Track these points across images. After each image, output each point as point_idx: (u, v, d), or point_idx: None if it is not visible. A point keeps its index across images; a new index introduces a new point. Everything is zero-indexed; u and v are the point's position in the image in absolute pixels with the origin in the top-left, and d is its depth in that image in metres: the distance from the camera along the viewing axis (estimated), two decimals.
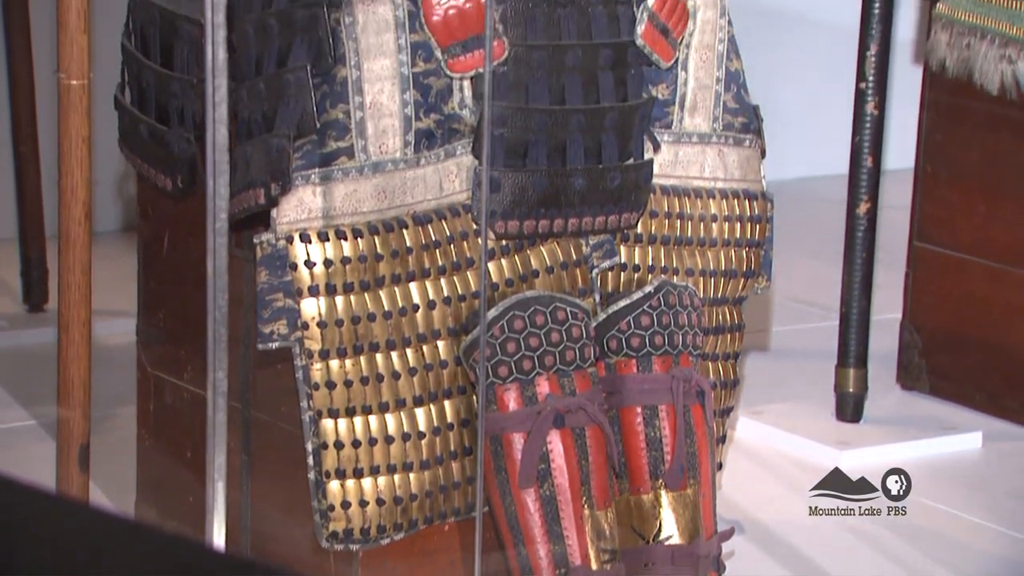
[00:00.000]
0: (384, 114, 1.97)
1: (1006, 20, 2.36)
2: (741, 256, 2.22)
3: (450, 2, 1.98)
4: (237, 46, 1.99)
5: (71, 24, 1.81)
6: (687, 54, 2.14)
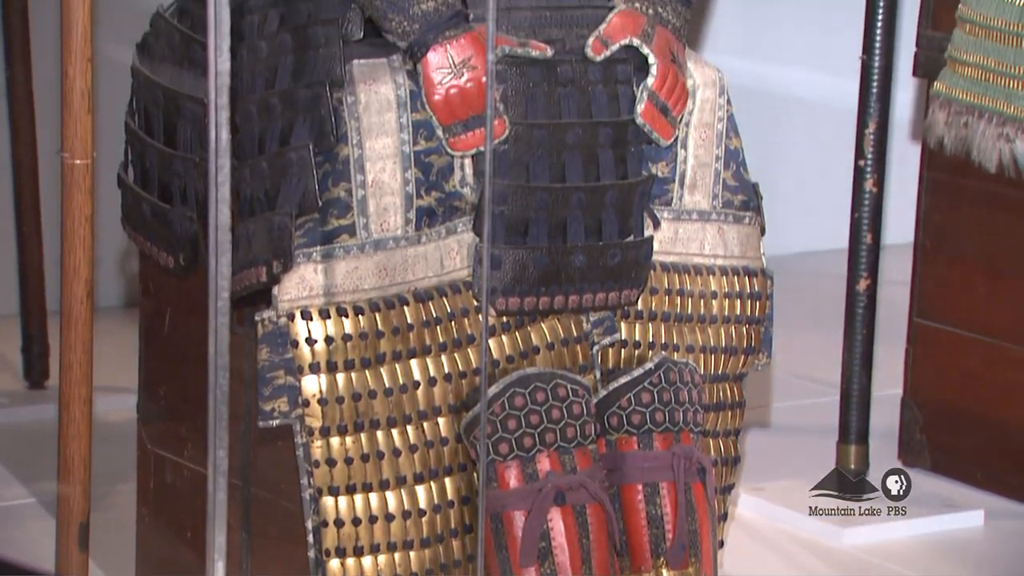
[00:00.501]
0: (386, 192, 1.98)
1: (1003, 99, 2.38)
2: (741, 333, 2.22)
3: (451, 81, 2.00)
4: (240, 125, 2.01)
5: (75, 104, 1.83)
6: (687, 132, 2.16)
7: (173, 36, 2.14)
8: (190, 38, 2.12)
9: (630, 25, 2.10)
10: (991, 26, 2.33)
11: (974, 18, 2.36)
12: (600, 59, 2.08)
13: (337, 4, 2.05)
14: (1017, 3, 2.31)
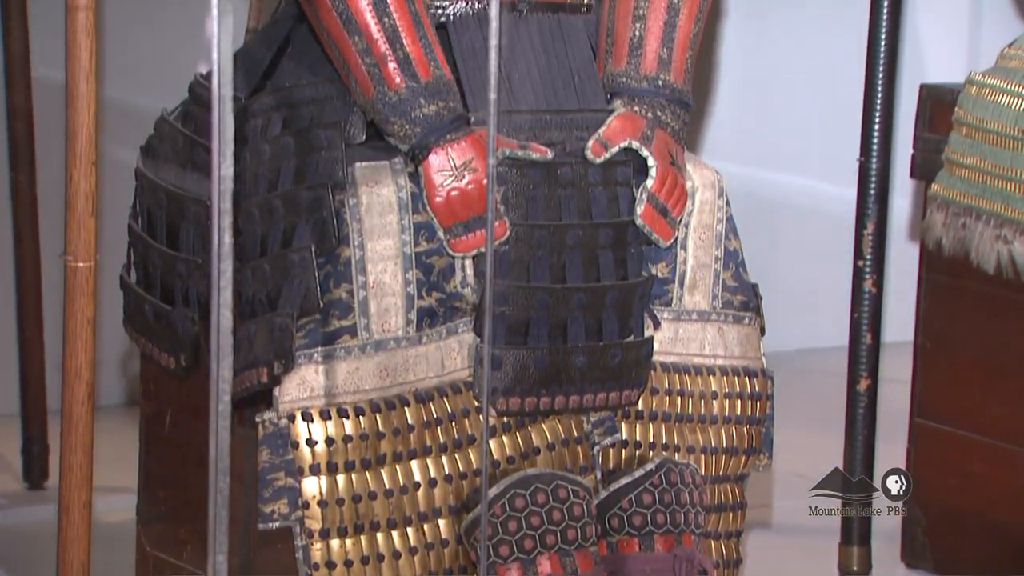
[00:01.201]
0: (387, 293, 1.99)
1: (1001, 201, 2.39)
2: (742, 434, 2.22)
3: (452, 183, 2.01)
4: (242, 227, 2.02)
5: (79, 207, 1.84)
6: (686, 233, 2.17)
7: (177, 139, 2.16)
8: (194, 141, 2.13)
9: (629, 128, 2.12)
10: (988, 129, 2.35)
11: (971, 121, 2.37)
12: (600, 161, 2.09)
13: (340, 108, 2.07)
14: (1013, 107, 2.33)
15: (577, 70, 2.15)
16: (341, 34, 2.00)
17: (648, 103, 2.14)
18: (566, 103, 2.13)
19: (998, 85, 2.33)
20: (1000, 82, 2.33)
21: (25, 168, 2.98)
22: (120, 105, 3.15)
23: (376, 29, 1.99)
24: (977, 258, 2.46)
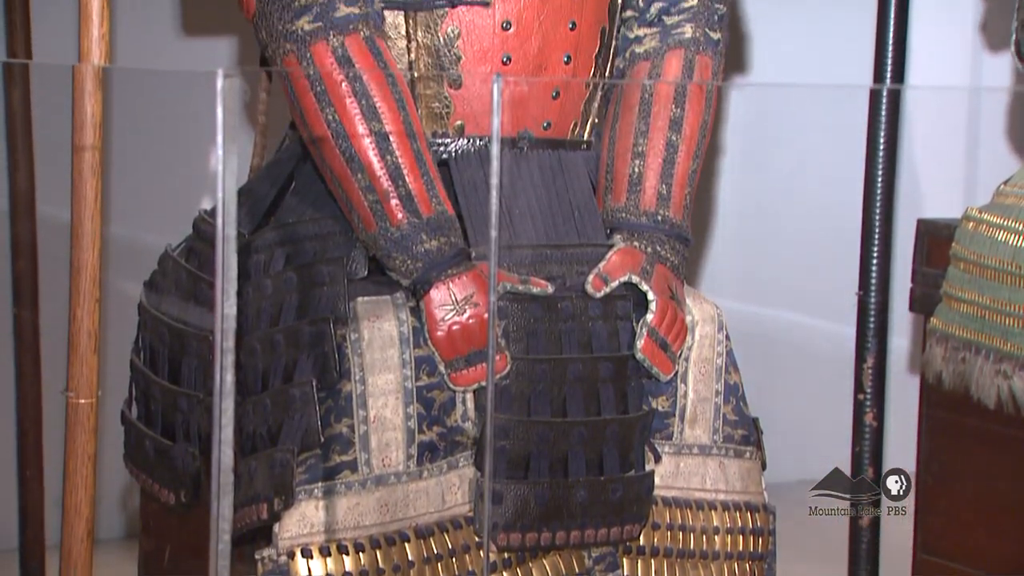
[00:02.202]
0: (387, 428, 1.99)
1: (1000, 336, 2.39)
2: (744, 570, 2.21)
3: (453, 318, 2.02)
4: (244, 362, 2.02)
5: (82, 345, 1.85)
6: (686, 367, 2.17)
7: (180, 275, 2.17)
8: (197, 277, 2.15)
9: (629, 262, 2.13)
10: (985, 264, 2.36)
11: (968, 256, 2.38)
12: (600, 295, 2.10)
13: (342, 243, 2.08)
14: (1010, 242, 2.34)
15: (577, 205, 2.17)
16: (344, 171, 2.03)
17: (647, 238, 2.16)
18: (566, 238, 2.14)
19: (995, 221, 2.35)
20: (997, 218, 2.34)
21: (28, 304, 2.99)
22: (124, 240, 3.17)
23: (379, 166, 2.02)
24: (977, 392, 2.46)
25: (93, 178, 1.85)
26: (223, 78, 1.26)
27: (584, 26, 2.17)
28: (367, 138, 2.01)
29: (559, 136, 2.20)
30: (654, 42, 2.25)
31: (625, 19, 2.26)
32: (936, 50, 3.17)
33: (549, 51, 2.14)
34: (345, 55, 2.01)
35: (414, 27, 2.10)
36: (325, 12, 2.02)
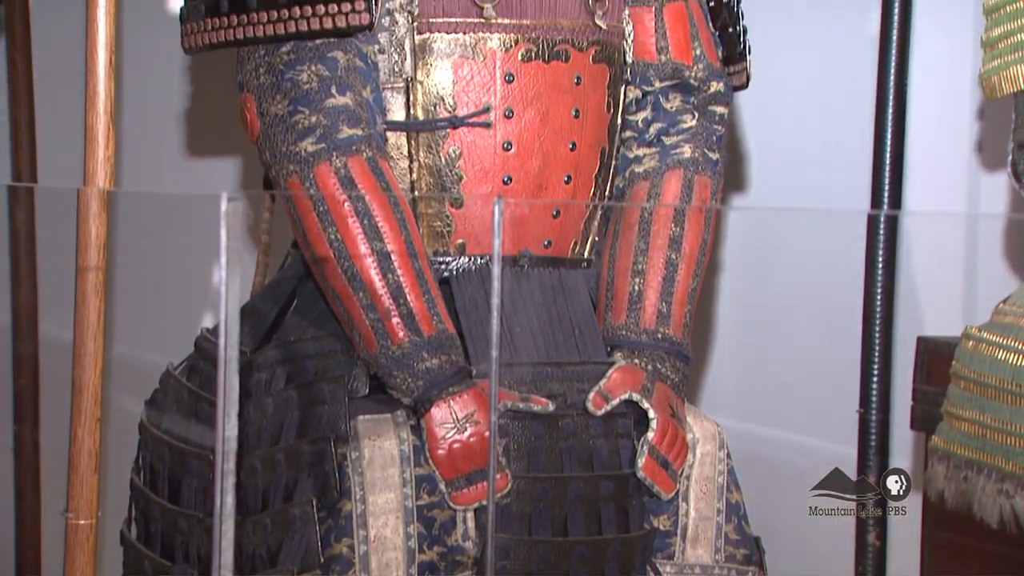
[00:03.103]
0: (388, 547, 1.98)
1: (1001, 455, 2.38)
2: None
3: (454, 436, 2.02)
4: (244, 481, 2.02)
5: (82, 465, 1.84)
6: (687, 486, 2.16)
7: (182, 393, 2.17)
8: (198, 396, 2.15)
9: (630, 380, 2.13)
10: (986, 383, 2.36)
11: (968, 375, 2.38)
12: (601, 413, 2.10)
13: (344, 362, 2.09)
14: (1010, 361, 2.34)
15: (578, 323, 2.18)
16: (346, 290, 2.03)
17: (648, 356, 2.16)
18: (567, 355, 2.15)
19: (994, 340, 2.35)
20: (996, 337, 2.35)
21: (29, 422, 2.99)
22: (126, 358, 3.18)
23: (380, 285, 2.03)
24: (980, 512, 2.44)
25: (96, 298, 1.86)
26: (227, 201, 1.27)
27: (584, 146, 2.19)
28: (369, 258, 2.02)
29: (559, 254, 2.21)
30: (653, 162, 2.27)
31: (624, 139, 2.28)
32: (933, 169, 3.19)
33: (549, 171, 2.16)
34: (348, 176, 2.03)
35: (416, 148, 2.13)
36: (328, 134, 2.05)
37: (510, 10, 2.12)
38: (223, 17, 2.10)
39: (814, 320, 3.91)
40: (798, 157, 3.25)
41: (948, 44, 3.13)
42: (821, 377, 3.87)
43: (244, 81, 2.11)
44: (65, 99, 2.78)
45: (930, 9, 3.10)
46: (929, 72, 3.12)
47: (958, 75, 3.13)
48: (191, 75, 3.35)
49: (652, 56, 2.27)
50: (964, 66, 3.11)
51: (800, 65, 3.24)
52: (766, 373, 3.89)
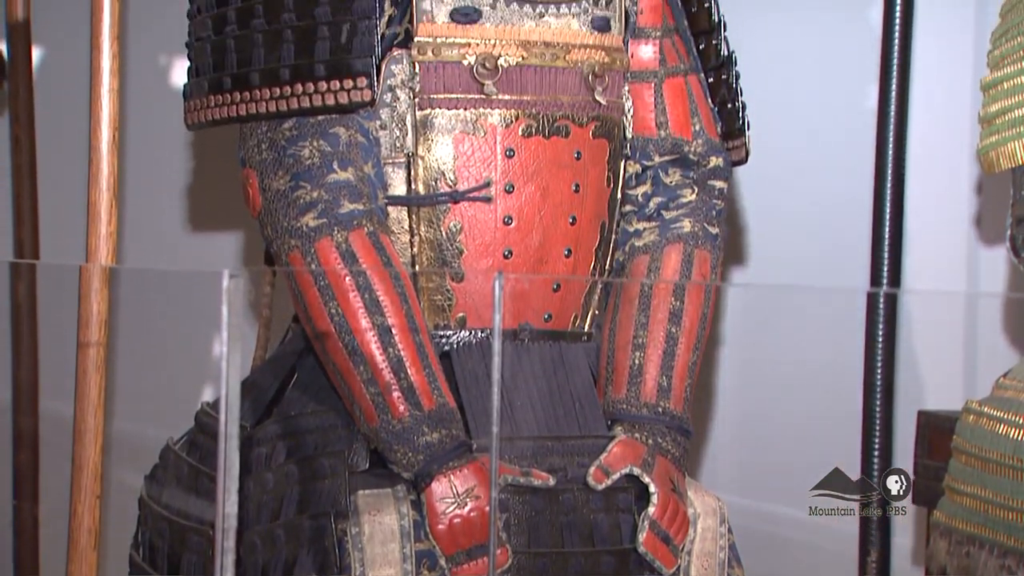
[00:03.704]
0: None
1: (1004, 531, 2.38)
2: None
3: (455, 511, 2.01)
4: (244, 557, 2.01)
5: (82, 541, 1.84)
6: (688, 561, 2.16)
7: (182, 468, 2.17)
8: (198, 471, 2.14)
9: (630, 454, 2.13)
10: (987, 458, 2.35)
11: (970, 449, 2.38)
12: (602, 487, 2.10)
13: (344, 436, 2.08)
14: (1011, 436, 2.34)
15: (578, 397, 2.18)
16: (347, 364, 2.04)
17: (648, 430, 2.16)
18: (567, 430, 2.14)
19: (995, 414, 2.35)
20: (997, 411, 2.34)
21: (28, 497, 2.98)
22: (126, 433, 3.17)
23: (381, 359, 2.03)
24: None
25: (97, 375, 1.86)
26: (228, 278, 1.28)
27: (584, 221, 2.20)
28: (370, 332, 2.03)
29: (560, 328, 2.22)
30: (653, 236, 2.27)
31: (624, 213, 2.29)
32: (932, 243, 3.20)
33: (550, 245, 2.17)
34: (349, 251, 2.04)
35: (417, 222, 2.13)
36: (330, 208, 2.05)
37: (511, 86, 2.14)
38: (226, 94, 2.12)
39: (815, 394, 3.91)
40: (798, 230, 3.26)
41: (946, 118, 3.15)
42: (822, 452, 3.86)
43: (246, 157, 2.12)
44: (68, 174, 2.80)
45: (928, 81, 3.12)
46: (928, 146, 3.14)
47: (956, 149, 3.15)
48: (193, 150, 3.37)
49: (652, 131, 2.28)
50: (962, 139, 3.13)
51: (798, 138, 3.25)
52: (767, 448, 3.89)
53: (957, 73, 3.12)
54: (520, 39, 2.14)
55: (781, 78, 3.20)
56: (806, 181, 3.24)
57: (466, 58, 2.12)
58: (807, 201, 3.26)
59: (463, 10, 2.12)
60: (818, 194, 3.25)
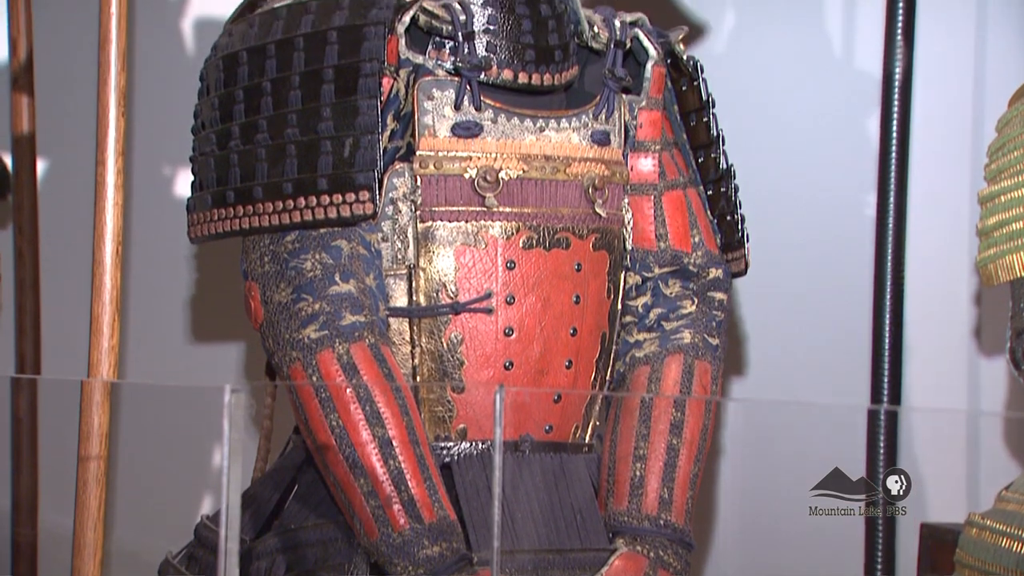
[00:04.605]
0: None
1: None
2: None
3: None
4: None
5: None
6: None
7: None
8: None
9: (632, 568, 2.12)
10: (989, 572, 2.34)
11: (972, 563, 2.37)
12: None
13: (344, 549, 2.07)
14: (1013, 549, 2.33)
15: (579, 509, 2.17)
16: (347, 477, 2.03)
17: (650, 543, 2.15)
18: (568, 542, 2.14)
19: (997, 528, 2.34)
20: (999, 525, 2.33)
21: None
22: (125, 545, 3.16)
23: (382, 472, 2.02)
24: None
25: (97, 488, 1.85)
26: (230, 393, 1.28)
27: (585, 332, 2.21)
28: (371, 444, 2.02)
29: (561, 439, 2.21)
30: (654, 347, 2.28)
31: (625, 324, 2.30)
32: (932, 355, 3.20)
33: (551, 356, 2.17)
34: (350, 363, 2.04)
35: (418, 333, 2.14)
36: (331, 321, 2.06)
37: (511, 199, 2.15)
38: (229, 207, 2.13)
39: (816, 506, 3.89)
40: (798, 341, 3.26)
41: (945, 228, 3.17)
42: (824, 567, 3.84)
43: (249, 269, 2.14)
44: (71, 287, 2.80)
45: (926, 191, 3.14)
46: (926, 261, 3.15)
47: (955, 259, 3.16)
48: (197, 262, 3.39)
49: (652, 243, 2.30)
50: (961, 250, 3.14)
51: (797, 249, 3.26)
52: (768, 561, 3.86)
53: (954, 183, 3.14)
54: (521, 152, 2.16)
55: (780, 187, 3.22)
56: (805, 291, 3.25)
57: (467, 171, 2.14)
58: (807, 312, 3.27)
59: (465, 124, 2.14)
60: (817, 305, 3.26)
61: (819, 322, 3.29)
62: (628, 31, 2.28)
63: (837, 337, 3.23)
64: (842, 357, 3.16)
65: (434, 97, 2.14)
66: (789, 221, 3.22)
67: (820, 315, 3.25)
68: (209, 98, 2.17)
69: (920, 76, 3.11)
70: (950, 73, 3.16)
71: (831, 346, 3.25)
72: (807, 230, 3.26)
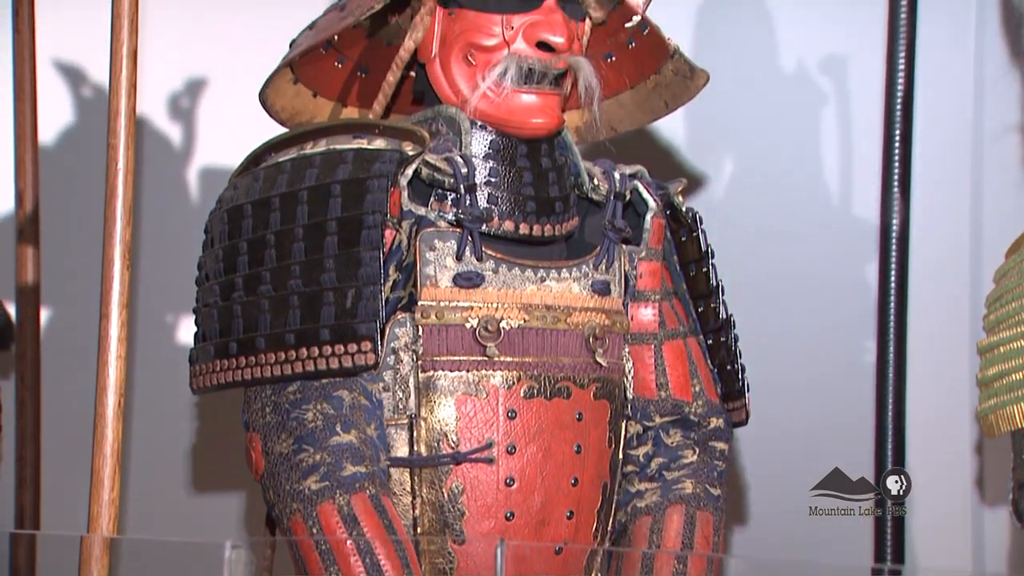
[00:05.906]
0: None
1: None
2: None
3: None
4: None
5: None
6: None
7: None
8: None
9: None
10: None
11: None
12: None
13: None
14: None
15: None
16: None
17: None
18: None
19: None
20: None
21: None
22: None
23: None
24: None
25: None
26: (230, 549, 1.28)
27: (586, 481, 2.20)
28: None
29: None
30: (655, 496, 2.27)
31: (626, 473, 2.29)
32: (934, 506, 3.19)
33: (552, 506, 2.17)
34: (351, 514, 2.04)
35: (419, 483, 2.13)
36: (332, 472, 2.06)
37: (512, 348, 2.16)
38: (232, 358, 2.14)
39: None
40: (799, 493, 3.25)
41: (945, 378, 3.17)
42: None
43: (250, 420, 2.14)
44: (72, 438, 2.80)
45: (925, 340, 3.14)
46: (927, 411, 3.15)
47: (956, 410, 3.16)
48: (198, 410, 3.38)
49: (652, 392, 2.30)
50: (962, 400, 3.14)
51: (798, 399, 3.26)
52: None
53: (953, 333, 3.15)
54: (522, 302, 2.17)
55: (780, 334, 3.23)
56: (805, 443, 3.24)
57: (468, 321, 2.15)
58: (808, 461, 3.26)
59: (466, 275, 2.16)
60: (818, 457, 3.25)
61: (821, 471, 3.28)
62: (628, 183, 2.31)
63: (840, 478, 3.22)
64: (846, 515, 3.15)
65: (436, 248, 2.15)
66: (787, 369, 3.23)
67: (821, 464, 3.24)
68: (213, 250, 2.19)
69: (917, 227, 3.14)
70: (947, 223, 3.19)
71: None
72: (807, 379, 3.26)
